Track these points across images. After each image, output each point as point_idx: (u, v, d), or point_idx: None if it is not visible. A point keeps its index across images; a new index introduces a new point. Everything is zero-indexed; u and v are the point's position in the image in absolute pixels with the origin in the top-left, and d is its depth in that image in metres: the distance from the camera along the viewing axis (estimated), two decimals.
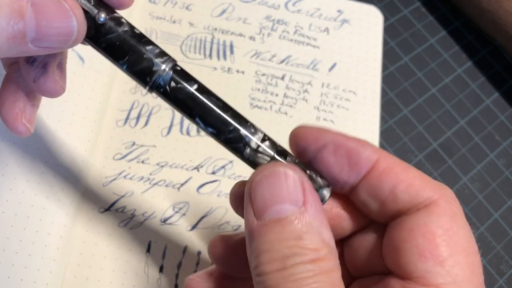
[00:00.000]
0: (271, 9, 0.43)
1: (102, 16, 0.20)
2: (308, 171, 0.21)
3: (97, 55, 0.24)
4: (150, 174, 0.36)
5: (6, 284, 0.30)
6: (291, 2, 0.44)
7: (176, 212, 0.35)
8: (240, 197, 0.22)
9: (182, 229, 0.34)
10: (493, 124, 0.43)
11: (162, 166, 0.36)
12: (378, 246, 0.22)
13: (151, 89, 0.21)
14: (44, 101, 0.25)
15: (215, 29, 0.42)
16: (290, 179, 0.19)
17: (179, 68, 0.21)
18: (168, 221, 0.35)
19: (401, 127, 0.42)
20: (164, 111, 0.38)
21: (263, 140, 0.21)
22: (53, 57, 0.22)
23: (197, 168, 0.36)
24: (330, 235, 0.19)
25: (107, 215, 0.34)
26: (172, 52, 0.32)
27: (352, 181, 0.21)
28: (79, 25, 0.19)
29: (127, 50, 0.20)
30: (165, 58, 0.20)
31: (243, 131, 0.21)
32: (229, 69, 0.40)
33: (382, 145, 0.40)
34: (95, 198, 0.34)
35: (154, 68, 0.20)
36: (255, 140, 0.21)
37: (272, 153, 0.21)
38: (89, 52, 0.24)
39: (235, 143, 0.21)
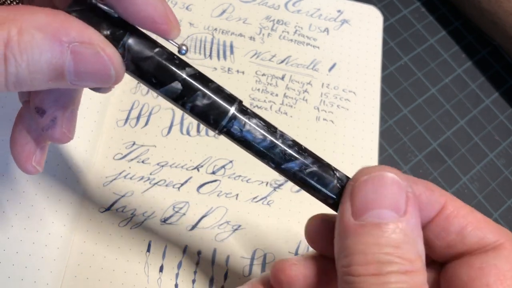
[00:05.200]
0: (271, 9, 0.43)
1: (184, 48, 0.21)
2: None
3: None
4: (150, 174, 0.36)
5: (6, 283, 0.30)
6: (291, 2, 0.44)
7: (176, 212, 0.35)
8: (316, 232, 0.23)
9: (182, 229, 0.34)
10: (492, 124, 0.43)
11: (162, 166, 0.36)
12: (434, 283, 0.22)
13: (220, 133, 0.22)
14: None
15: (215, 29, 0.42)
16: (396, 186, 0.20)
17: (245, 108, 0.22)
18: (168, 221, 0.35)
19: (401, 127, 0.42)
20: (164, 111, 0.38)
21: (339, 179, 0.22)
22: (64, 109, 0.22)
23: (197, 168, 0.36)
24: (423, 248, 0.20)
25: (107, 215, 0.34)
26: None
27: (421, 224, 0.21)
28: (116, 72, 0.19)
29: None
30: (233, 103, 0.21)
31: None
32: (229, 69, 0.40)
33: (382, 145, 0.41)
34: (95, 198, 0.34)
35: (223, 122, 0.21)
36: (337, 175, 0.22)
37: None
38: None
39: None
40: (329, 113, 0.40)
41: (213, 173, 0.37)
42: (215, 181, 0.36)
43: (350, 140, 0.39)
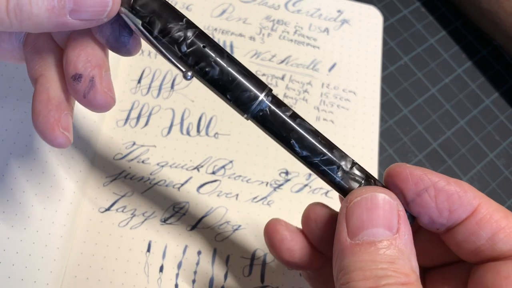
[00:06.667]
0: (271, 9, 0.43)
1: (189, 74, 0.22)
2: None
3: None
4: (150, 174, 0.36)
5: (6, 283, 0.30)
6: (291, 2, 0.44)
7: (176, 212, 0.35)
8: (313, 218, 0.25)
9: (182, 229, 0.34)
10: (493, 124, 0.43)
11: (162, 166, 0.36)
12: (462, 283, 0.22)
13: (248, 117, 0.23)
14: None
15: (215, 29, 0.42)
16: (388, 205, 0.20)
17: (274, 100, 0.22)
18: (168, 221, 0.35)
19: (401, 127, 0.42)
20: (164, 111, 0.38)
21: (353, 165, 0.23)
22: (98, 69, 0.22)
23: (197, 168, 0.36)
24: (417, 264, 0.20)
25: (107, 215, 0.34)
26: None
27: (450, 224, 0.21)
28: None
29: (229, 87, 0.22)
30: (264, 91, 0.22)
31: (335, 154, 0.23)
32: None
33: (382, 145, 0.41)
34: (96, 198, 0.34)
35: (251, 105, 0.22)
36: (347, 164, 0.22)
37: (363, 176, 0.22)
38: None
39: (328, 165, 0.22)
40: (329, 113, 0.40)
41: (213, 173, 0.37)
42: (215, 181, 0.36)
43: (350, 140, 0.39)
